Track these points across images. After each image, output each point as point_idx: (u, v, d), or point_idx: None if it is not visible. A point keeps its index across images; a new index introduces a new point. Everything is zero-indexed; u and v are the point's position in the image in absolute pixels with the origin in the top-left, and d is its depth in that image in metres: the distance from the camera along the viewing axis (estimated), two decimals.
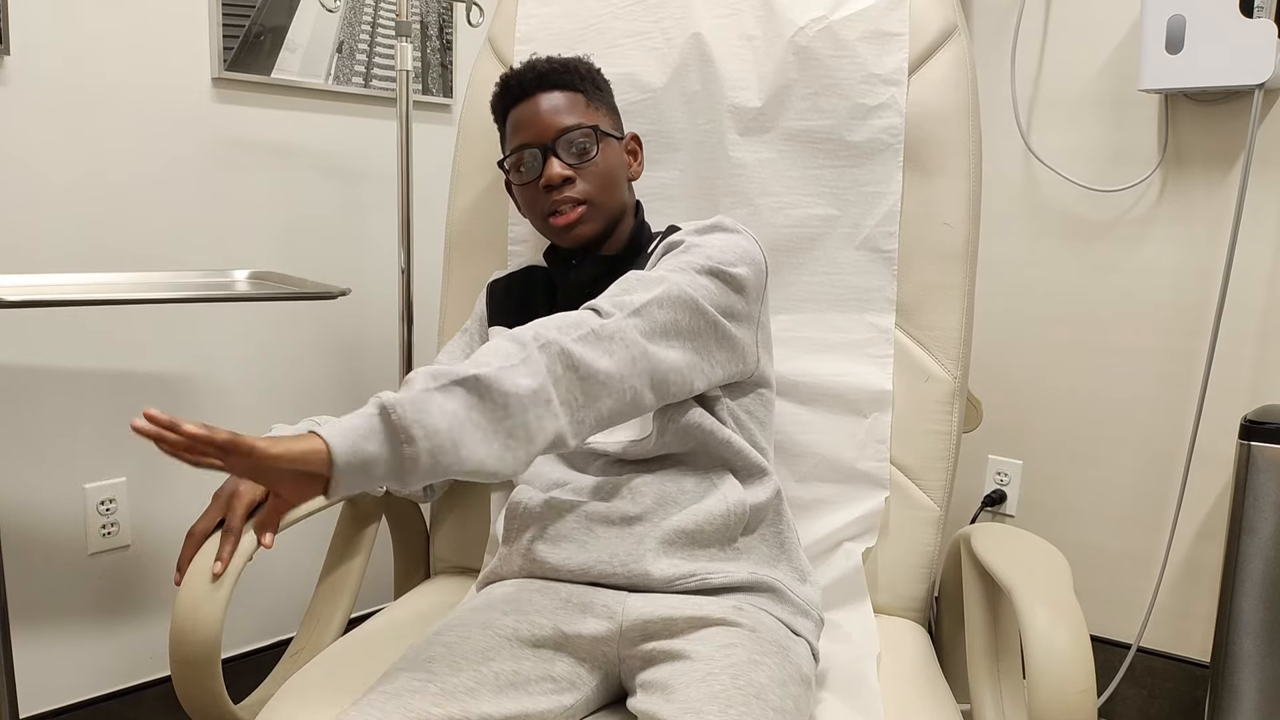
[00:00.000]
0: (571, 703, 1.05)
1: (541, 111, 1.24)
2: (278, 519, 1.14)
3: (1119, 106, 1.97)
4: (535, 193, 1.25)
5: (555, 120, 1.24)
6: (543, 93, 1.25)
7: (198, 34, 1.76)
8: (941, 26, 1.37)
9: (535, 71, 1.25)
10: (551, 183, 1.22)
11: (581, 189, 1.23)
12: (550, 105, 1.24)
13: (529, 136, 1.24)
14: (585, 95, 1.27)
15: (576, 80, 1.27)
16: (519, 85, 1.26)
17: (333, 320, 2.03)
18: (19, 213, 1.59)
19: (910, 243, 1.37)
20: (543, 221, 1.26)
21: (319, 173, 1.97)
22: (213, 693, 1.08)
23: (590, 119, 1.26)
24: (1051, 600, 0.95)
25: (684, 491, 1.17)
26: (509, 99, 1.27)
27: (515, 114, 1.26)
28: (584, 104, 1.26)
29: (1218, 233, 1.88)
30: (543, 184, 1.23)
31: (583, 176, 1.24)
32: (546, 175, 1.22)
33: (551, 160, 1.23)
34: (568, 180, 1.22)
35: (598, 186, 1.24)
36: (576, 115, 1.25)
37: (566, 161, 1.23)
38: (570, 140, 1.23)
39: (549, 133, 1.23)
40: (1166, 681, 2.00)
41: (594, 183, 1.24)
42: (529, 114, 1.25)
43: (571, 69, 1.27)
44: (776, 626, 1.09)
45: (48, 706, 1.72)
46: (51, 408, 1.66)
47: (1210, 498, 1.92)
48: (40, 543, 1.68)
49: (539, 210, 1.26)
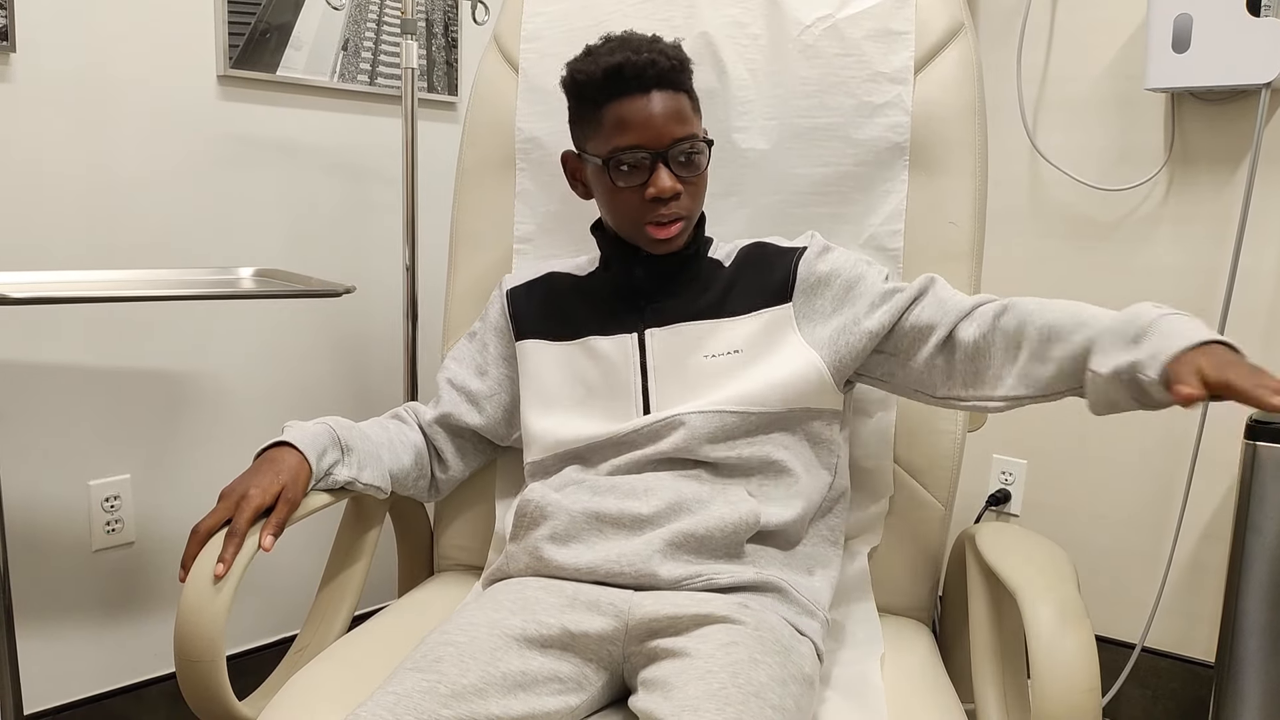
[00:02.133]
0: (578, 703, 1.05)
1: (657, 114, 1.16)
2: (283, 524, 1.14)
3: (1125, 106, 1.96)
4: (635, 197, 1.19)
5: (671, 128, 1.17)
6: (659, 91, 1.17)
7: (203, 31, 1.76)
8: (947, 25, 1.37)
9: (656, 69, 1.16)
10: (663, 195, 1.17)
11: (686, 204, 1.20)
12: (666, 108, 1.17)
13: (642, 139, 1.17)
14: (690, 98, 1.21)
15: (687, 80, 1.21)
16: (636, 79, 1.16)
17: (337, 317, 2.03)
18: (24, 209, 1.59)
19: (915, 242, 1.37)
20: (635, 226, 1.21)
21: (324, 170, 1.97)
22: (217, 690, 1.08)
23: (698, 127, 1.21)
24: (1056, 600, 0.95)
25: (697, 498, 1.17)
26: (617, 89, 1.17)
27: (625, 108, 1.17)
28: (691, 108, 1.21)
29: (1224, 232, 1.87)
30: (652, 195, 1.17)
31: (688, 190, 1.20)
32: (658, 186, 1.17)
33: (662, 170, 1.17)
34: (676, 194, 1.18)
35: (698, 201, 1.22)
36: (689, 124, 1.19)
37: (677, 174, 1.18)
38: (683, 151, 1.18)
39: (664, 139, 1.17)
40: (1171, 682, 1.99)
41: (697, 198, 1.22)
42: (643, 114, 1.16)
43: (686, 68, 1.20)
44: (781, 625, 1.09)
45: (53, 703, 1.72)
46: (57, 405, 1.66)
47: (1215, 498, 1.92)
48: (45, 539, 1.68)
49: (635, 216, 1.20)
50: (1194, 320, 0.97)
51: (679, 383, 1.23)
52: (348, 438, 1.26)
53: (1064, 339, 1.06)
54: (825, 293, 1.23)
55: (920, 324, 1.18)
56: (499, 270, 1.51)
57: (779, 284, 1.24)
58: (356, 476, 1.25)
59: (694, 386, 1.22)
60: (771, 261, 1.26)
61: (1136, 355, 0.96)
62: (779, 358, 1.21)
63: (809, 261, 1.24)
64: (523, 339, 1.33)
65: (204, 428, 1.85)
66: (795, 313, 1.23)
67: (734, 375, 1.22)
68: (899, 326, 1.19)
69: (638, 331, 1.26)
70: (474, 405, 1.36)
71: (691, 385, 1.22)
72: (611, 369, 1.26)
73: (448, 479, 1.40)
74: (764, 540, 1.19)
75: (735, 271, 1.26)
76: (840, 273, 1.23)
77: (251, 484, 1.14)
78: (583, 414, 1.27)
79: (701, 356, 1.23)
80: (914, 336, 1.19)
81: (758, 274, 1.25)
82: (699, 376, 1.22)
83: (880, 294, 1.21)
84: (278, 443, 1.21)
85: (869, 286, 1.22)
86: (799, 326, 1.22)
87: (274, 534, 1.13)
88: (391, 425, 1.35)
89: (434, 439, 1.37)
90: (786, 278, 1.24)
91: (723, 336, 1.23)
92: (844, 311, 1.21)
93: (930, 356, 1.17)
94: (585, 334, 1.28)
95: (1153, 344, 0.96)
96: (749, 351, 1.22)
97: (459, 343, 1.42)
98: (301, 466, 1.18)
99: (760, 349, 1.22)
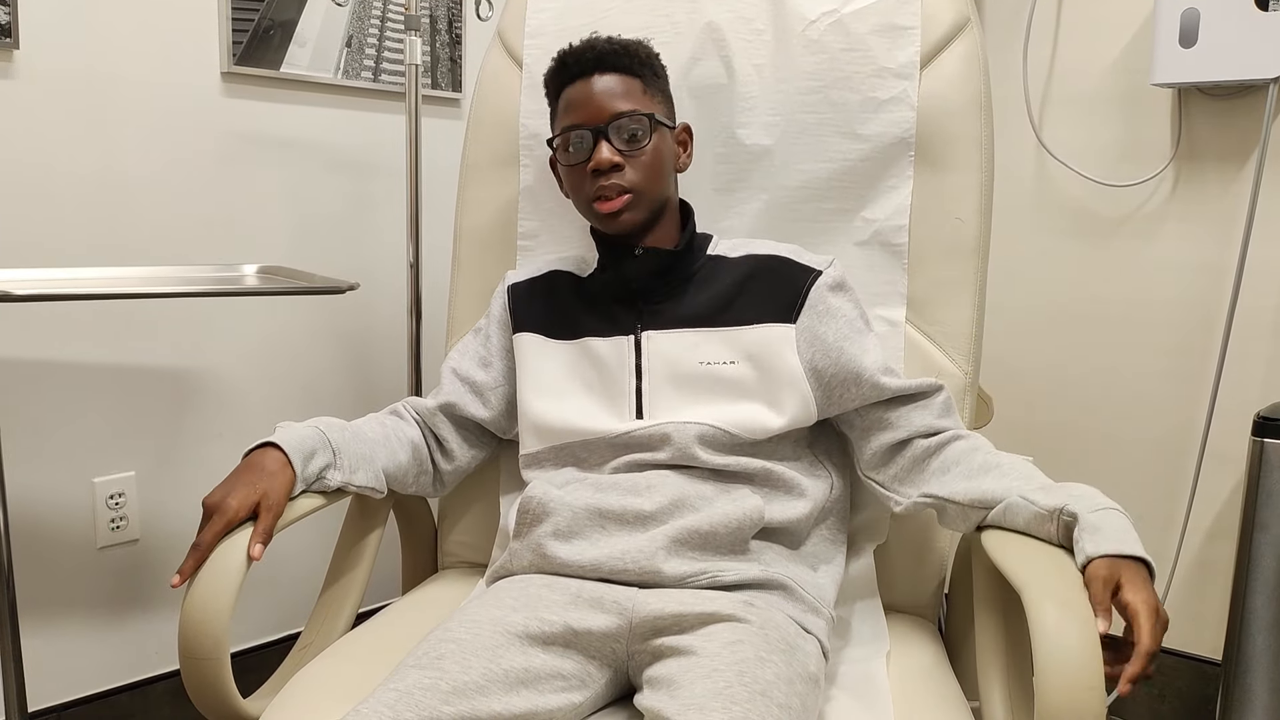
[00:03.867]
0: (581, 700, 1.04)
1: (596, 93, 1.22)
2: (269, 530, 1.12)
3: (1132, 101, 1.95)
4: (581, 175, 1.24)
5: (610, 104, 1.22)
6: (600, 74, 1.23)
7: (207, 28, 1.76)
8: (954, 20, 1.36)
9: (594, 51, 1.23)
10: (600, 167, 1.21)
11: (629, 177, 1.22)
12: (606, 87, 1.23)
13: (581, 117, 1.23)
14: (643, 81, 1.25)
15: (635, 64, 1.25)
16: (576, 64, 1.24)
17: (341, 314, 2.03)
18: (28, 206, 1.59)
19: (921, 237, 1.37)
20: (586, 205, 1.26)
21: (328, 167, 1.97)
22: (221, 687, 1.08)
23: (645, 106, 1.24)
24: (1061, 598, 0.94)
25: (701, 495, 1.17)
26: (564, 76, 1.25)
27: (569, 92, 1.25)
28: (640, 89, 1.25)
29: (1231, 228, 1.87)
30: (590, 167, 1.22)
31: (631, 164, 1.22)
32: (595, 159, 1.21)
33: (601, 144, 1.21)
34: (616, 167, 1.21)
35: (645, 175, 1.23)
36: (632, 101, 1.23)
37: (617, 147, 1.22)
38: (622, 126, 1.22)
39: (602, 115, 1.22)
40: (1177, 680, 1.99)
41: (642, 171, 1.23)
42: (583, 94, 1.23)
43: (631, 52, 1.25)
44: (786, 623, 1.08)
45: (56, 700, 1.72)
46: (61, 402, 1.66)
47: (1222, 495, 1.91)
48: (49, 537, 1.68)
49: (584, 193, 1.25)
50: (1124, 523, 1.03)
51: (672, 387, 1.23)
52: (338, 440, 1.25)
53: (1003, 473, 1.14)
54: (831, 324, 1.23)
55: (901, 421, 1.23)
56: (503, 266, 1.51)
57: (788, 302, 1.24)
58: (349, 480, 1.24)
59: (686, 393, 1.23)
60: (786, 277, 1.25)
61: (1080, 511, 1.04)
62: (773, 381, 1.22)
63: (820, 289, 1.24)
64: (520, 332, 1.34)
65: (208, 425, 1.85)
66: (797, 336, 1.23)
67: (726, 389, 1.22)
68: (886, 411, 1.24)
69: (634, 334, 1.26)
70: (478, 396, 1.36)
71: (684, 391, 1.23)
72: (607, 371, 1.26)
73: (452, 470, 1.39)
74: (769, 537, 1.19)
75: (745, 279, 1.26)
76: (845, 315, 1.24)
77: (229, 494, 1.12)
78: (578, 406, 1.27)
79: (696, 362, 1.23)
80: (885, 425, 1.23)
81: (768, 287, 1.25)
82: (692, 382, 1.23)
83: (883, 368, 1.23)
84: (265, 443, 1.20)
85: (871, 352, 1.24)
86: (798, 349, 1.22)
87: (262, 542, 1.11)
88: (389, 421, 1.35)
89: (436, 428, 1.37)
90: (796, 298, 1.24)
91: (719, 345, 1.23)
92: (844, 362, 1.22)
93: (886, 448, 1.24)
94: (583, 335, 1.29)
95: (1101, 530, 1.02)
96: (744, 364, 1.22)
97: (464, 337, 1.42)
98: (284, 470, 1.17)
99: (755, 364, 1.22)
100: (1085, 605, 0.94)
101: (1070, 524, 1.04)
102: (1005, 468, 1.15)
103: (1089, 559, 0.99)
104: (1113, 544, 0.99)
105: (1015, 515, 1.10)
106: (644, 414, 1.24)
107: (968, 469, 1.17)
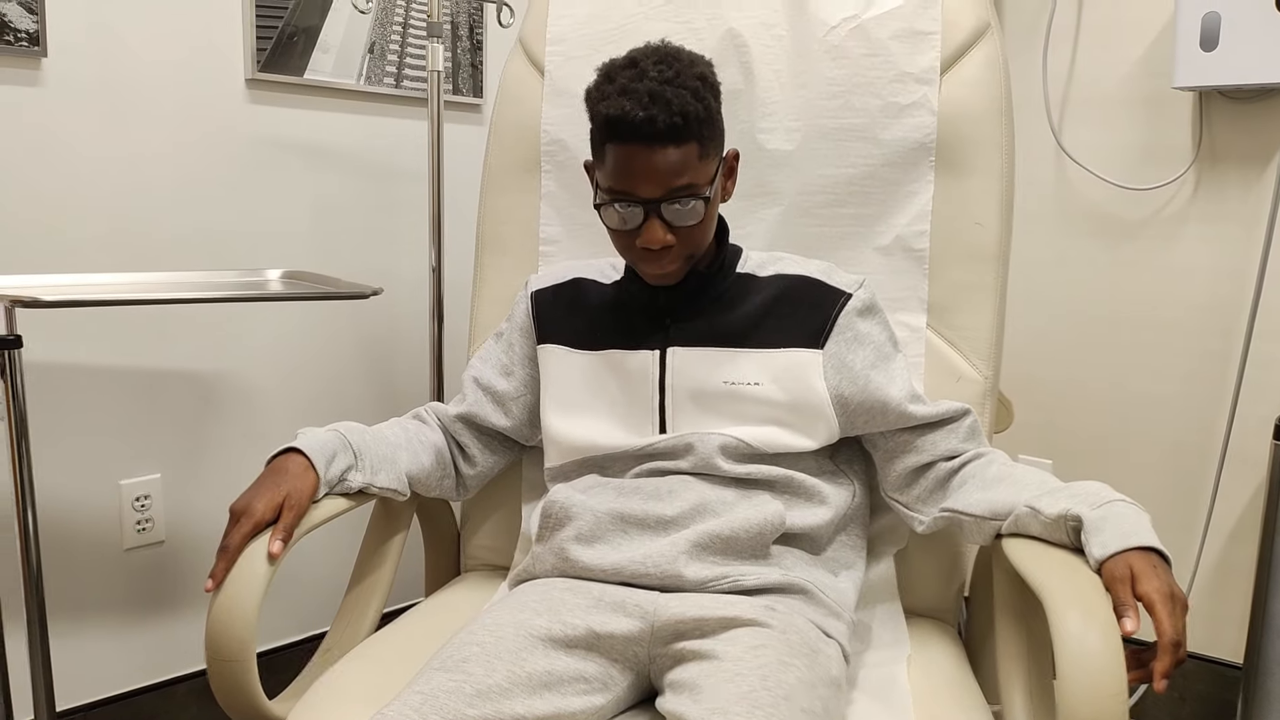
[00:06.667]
0: (603, 703, 1.05)
1: (653, 169, 1.11)
2: (291, 529, 1.14)
3: (1152, 104, 1.95)
4: (629, 240, 1.17)
5: (666, 180, 1.12)
6: (658, 146, 1.11)
7: (232, 35, 1.78)
8: (974, 25, 1.36)
9: (653, 126, 1.09)
10: (651, 247, 1.15)
11: (678, 251, 1.17)
12: (663, 163, 1.11)
13: (632, 187, 1.13)
14: (699, 143, 1.13)
15: (695, 129, 1.12)
16: (631, 130, 1.10)
17: (364, 319, 2.05)
18: (56, 212, 1.61)
19: (942, 242, 1.37)
20: (630, 260, 1.21)
21: (351, 173, 1.98)
22: (247, 689, 1.09)
23: (702, 174, 1.14)
24: (1083, 602, 0.95)
25: (722, 500, 1.18)
26: (616, 133, 1.11)
27: (621, 154, 1.12)
28: (697, 155, 1.13)
29: (1252, 232, 1.86)
30: (641, 245, 1.15)
31: (681, 239, 1.16)
32: (646, 239, 1.14)
33: (653, 223, 1.14)
34: (667, 246, 1.15)
35: (696, 243, 1.18)
36: (689, 174, 1.12)
37: (668, 221, 1.14)
38: (676, 200, 1.13)
39: (656, 192, 1.13)
40: (1198, 684, 1.98)
41: (692, 242, 1.18)
42: (636, 164, 1.11)
43: (692, 119, 1.11)
44: (808, 628, 1.09)
45: (83, 700, 1.74)
46: (87, 405, 1.68)
47: (1243, 499, 1.91)
48: (76, 539, 1.70)
49: (629, 256, 1.20)
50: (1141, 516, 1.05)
51: (696, 404, 1.23)
52: (359, 443, 1.26)
53: (1014, 483, 1.16)
54: (859, 351, 1.23)
55: (926, 446, 1.24)
56: (525, 272, 1.52)
57: (816, 327, 1.23)
58: (371, 481, 1.25)
59: (710, 410, 1.23)
60: (815, 301, 1.24)
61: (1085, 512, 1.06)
62: (797, 405, 1.22)
63: (849, 315, 1.24)
64: (545, 343, 1.33)
65: (232, 427, 1.87)
66: (824, 362, 1.23)
67: (750, 409, 1.22)
68: (913, 436, 1.25)
69: (660, 349, 1.25)
70: (499, 406, 1.37)
71: (708, 408, 1.23)
72: (631, 384, 1.26)
73: (475, 474, 1.40)
74: (790, 542, 1.19)
75: (774, 301, 1.24)
76: (874, 341, 1.25)
77: (254, 498, 1.14)
78: (602, 422, 1.27)
79: (721, 381, 1.23)
80: (911, 449, 1.25)
81: (797, 310, 1.24)
82: (716, 400, 1.23)
83: (910, 396, 1.24)
84: (287, 448, 1.21)
85: (897, 380, 1.24)
86: (825, 375, 1.22)
87: (283, 539, 1.12)
88: (411, 426, 1.36)
89: (458, 435, 1.38)
90: (825, 323, 1.23)
91: (746, 366, 1.23)
92: (871, 390, 1.22)
93: (910, 471, 1.26)
94: (608, 346, 1.28)
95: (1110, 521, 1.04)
96: (770, 386, 1.22)
97: (485, 343, 1.42)
98: (308, 473, 1.18)
99: (780, 387, 1.22)
100: (1107, 611, 0.94)
101: (1077, 527, 1.05)
102: (1017, 477, 1.16)
103: (1099, 563, 1.00)
104: (1118, 540, 0.99)
105: (1027, 525, 1.11)
106: (667, 428, 1.24)
107: (982, 481, 1.18)
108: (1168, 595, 0.94)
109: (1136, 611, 0.95)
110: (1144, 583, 0.95)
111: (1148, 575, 0.96)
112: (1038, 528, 1.09)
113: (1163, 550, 1.00)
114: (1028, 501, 1.10)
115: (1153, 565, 0.97)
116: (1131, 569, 0.97)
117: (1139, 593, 0.95)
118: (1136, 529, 1.01)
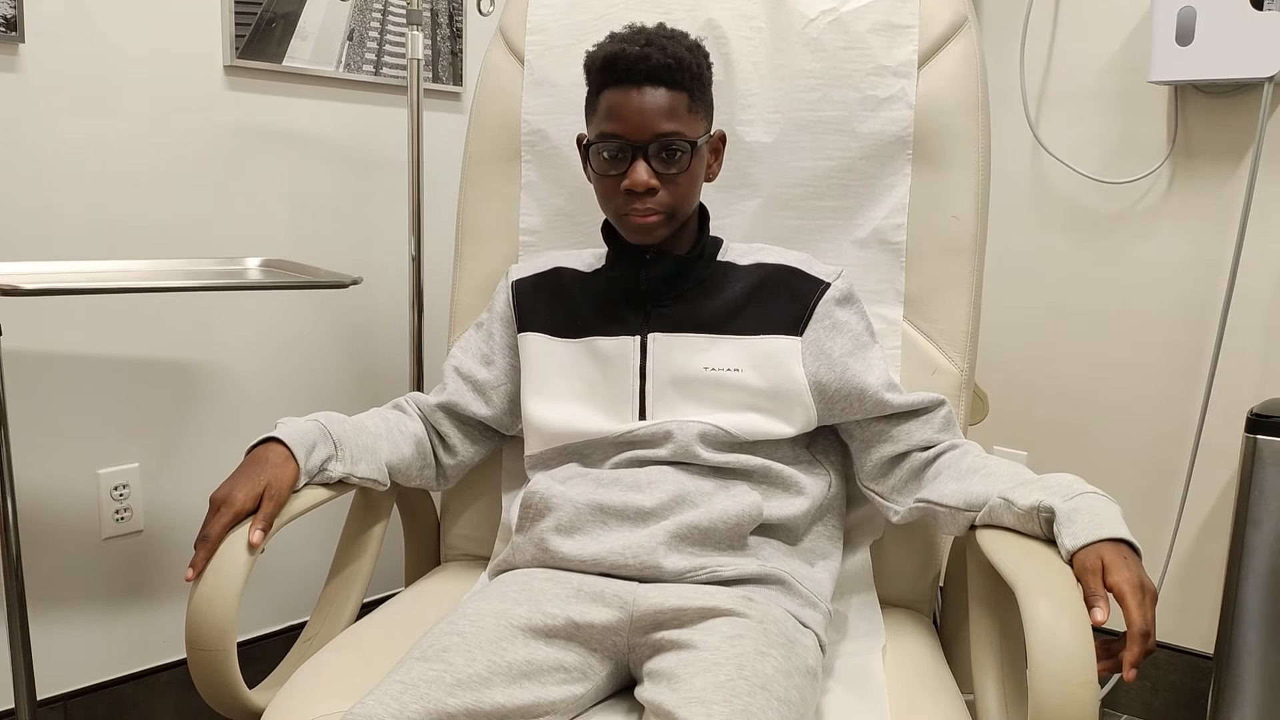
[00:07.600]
0: (582, 692, 1.06)
1: (643, 108, 1.16)
2: (270, 519, 1.14)
3: (1128, 99, 1.97)
4: (614, 186, 1.20)
5: (654, 122, 1.17)
6: (649, 86, 1.17)
7: (210, 21, 1.77)
8: (951, 19, 1.37)
9: (647, 64, 1.16)
10: (635, 189, 1.17)
11: (663, 199, 1.19)
12: (653, 104, 1.17)
13: (622, 129, 1.17)
14: (690, 96, 1.19)
15: (686, 79, 1.18)
16: (626, 70, 1.17)
17: (343, 307, 2.04)
18: (33, 199, 1.60)
19: (918, 235, 1.38)
20: (615, 215, 1.23)
21: (329, 160, 1.98)
22: (228, 678, 1.09)
23: (689, 126, 1.19)
24: (1054, 592, 0.96)
25: (701, 492, 1.18)
26: (610, 77, 1.18)
27: (613, 95, 1.18)
28: (686, 106, 1.19)
29: (1226, 226, 1.88)
30: (625, 187, 1.18)
31: (667, 186, 1.19)
32: (631, 179, 1.17)
33: (639, 164, 1.17)
34: (651, 190, 1.18)
35: (679, 196, 1.21)
36: (677, 120, 1.18)
37: (655, 168, 1.18)
38: (664, 146, 1.18)
39: (644, 133, 1.17)
40: (1170, 673, 2.01)
41: (677, 193, 1.20)
42: (628, 106, 1.17)
43: (685, 67, 1.18)
44: (785, 618, 1.10)
45: (62, 689, 1.74)
46: (66, 394, 1.68)
47: (1215, 491, 1.93)
48: (54, 528, 1.69)
49: (614, 204, 1.22)
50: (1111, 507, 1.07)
51: (676, 390, 1.24)
52: (339, 433, 1.26)
53: (988, 474, 1.17)
54: (837, 339, 1.25)
55: (901, 435, 1.26)
56: (505, 262, 1.52)
57: (796, 315, 1.25)
58: (351, 471, 1.26)
59: (690, 396, 1.24)
60: (794, 289, 1.26)
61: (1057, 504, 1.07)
62: (776, 392, 1.23)
63: (828, 303, 1.25)
64: (526, 331, 1.34)
65: (211, 417, 1.87)
66: (803, 349, 1.24)
67: (729, 395, 1.23)
68: (888, 425, 1.26)
69: (640, 335, 1.26)
70: (480, 395, 1.37)
71: (688, 394, 1.24)
72: (612, 370, 1.27)
73: (455, 464, 1.41)
74: (767, 533, 1.21)
75: (754, 289, 1.26)
76: (852, 330, 1.26)
77: (234, 488, 1.14)
78: (582, 409, 1.28)
79: (701, 367, 1.24)
80: (886, 438, 1.26)
81: (776, 298, 1.26)
82: (696, 386, 1.24)
83: (887, 384, 1.25)
84: (267, 438, 1.21)
85: (875, 369, 1.26)
86: (804, 362, 1.24)
87: (263, 529, 1.12)
88: (391, 415, 1.36)
89: (438, 425, 1.38)
90: (804, 311, 1.25)
91: (725, 352, 1.24)
92: (849, 378, 1.24)
93: (885, 460, 1.27)
94: (589, 333, 1.29)
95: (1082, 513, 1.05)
96: (749, 373, 1.23)
97: (466, 333, 1.42)
98: (288, 463, 1.18)
99: (760, 373, 1.23)
100: (1077, 600, 0.96)
101: (1049, 519, 1.06)
102: (991, 469, 1.17)
103: (1070, 554, 1.01)
104: (1090, 531, 1.01)
105: (1000, 516, 1.12)
106: (647, 415, 1.25)
107: (956, 472, 1.19)
108: (1138, 586, 0.96)
109: (1107, 601, 0.96)
110: (1114, 573, 0.97)
111: (1118, 566, 0.97)
112: (1011, 519, 1.11)
113: (1133, 542, 1.02)
114: (1001, 493, 1.12)
115: (1123, 556, 0.99)
116: (1102, 560, 0.98)
117: (1109, 583, 0.97)
118: (1108, 520, 1.02)
